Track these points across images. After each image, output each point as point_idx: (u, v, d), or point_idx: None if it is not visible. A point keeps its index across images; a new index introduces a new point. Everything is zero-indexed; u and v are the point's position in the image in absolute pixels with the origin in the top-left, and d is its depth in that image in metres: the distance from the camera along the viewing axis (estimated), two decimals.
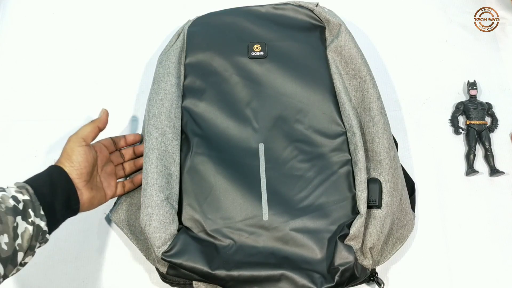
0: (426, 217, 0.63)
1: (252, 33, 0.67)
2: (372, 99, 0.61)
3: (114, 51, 0.78)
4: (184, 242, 0.53)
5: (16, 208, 0.45)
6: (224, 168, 0.58)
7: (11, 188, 0.47)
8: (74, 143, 0.54)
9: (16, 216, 0.44)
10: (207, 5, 0.72)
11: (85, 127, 0.56)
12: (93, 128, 0.57)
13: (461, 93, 0.73)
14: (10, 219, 0.44)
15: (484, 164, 0.67)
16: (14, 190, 0.47)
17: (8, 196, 0.46)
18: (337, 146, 0.59)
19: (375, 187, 0.56)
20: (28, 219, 0.46)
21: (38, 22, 0.81)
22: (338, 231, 0.54)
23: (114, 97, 0.73)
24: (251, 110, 0.62)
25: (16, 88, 0.75)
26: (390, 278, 0.60)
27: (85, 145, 0.55)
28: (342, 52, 0.64)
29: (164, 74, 0.63)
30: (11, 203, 0.45)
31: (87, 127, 0.56)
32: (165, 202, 0.55)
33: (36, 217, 0.46)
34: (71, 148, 0.54)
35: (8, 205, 0.45)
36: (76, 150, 0.54)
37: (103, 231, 0.64)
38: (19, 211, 0.45)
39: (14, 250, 0.44)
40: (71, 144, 0.54)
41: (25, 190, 0.47)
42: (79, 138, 0.55)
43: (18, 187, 0.48)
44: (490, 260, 0.61)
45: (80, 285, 0.61)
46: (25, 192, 0.47)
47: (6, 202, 0.45)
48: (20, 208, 0.45)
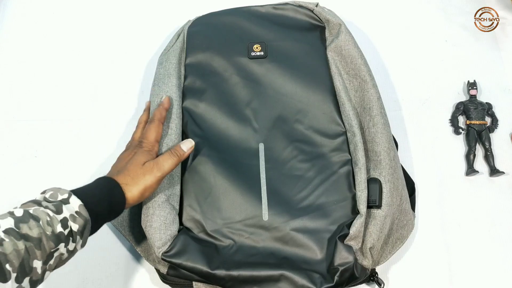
0: (426, 217, 0.63)
1: (252, 33, 0.67)
2: (372, 99, 0.61)
3: (114, 51, 0.78)
4: (184, 242, 0.53)
5: (61, 235, 0.41)
6: (224, 168, 0.58)
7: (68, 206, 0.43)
8: (155, 182, 0.50)
9: (59, 244, 0.41)
10: (207, 5, 0.72)
11: (168, 162, 0.52)
12: (176, 163, 0.53)
13: (461, 93, 0.73)
14: (51, 245, 0.41)
15: (484, 164, 0.67)
16: (68, 213, 0.42)
17: (58, 220, 0.41)
18: (337, 146, 0.59)
19: (375, 187, 0.56)
20: (68, 246, 0.42)
21: (38, 22, 0.81)
22: (338, 231, 0.54)
23: (114, 98, 0.73)
24: (251, 110, 0.62)
25: (16, 88, 0.75)
26: (390, 278, 0.60)
27: None
28: (342, 52, 0.64)
29: (165, 75, 0.63)
30: (57, 229, 0.41)
31: (171, 162, 0.52)
32: (166, 203, 0.55)
33: (77, 243, 0.44)
34: (148, 185, 0.50)
35: (55, 231, 0.41)
36: (153, 189, 0.51)
37: (103, 231, 0.63)
38: (63, 239, 0.42)
39: (44, 271, 0.41)
40: (150, 180, 0.50)
41: (81, 217, 0.43)
42: (161, 177, 0.51)
43: (76, 212, 0.43)
44: (490, 260, 0.61)
45: (80, 285, 0.61)
46: (79, 221, 0.43)
47: (54, 226, 0.41)
48: (65, 234, 0.42)
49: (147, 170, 0.50)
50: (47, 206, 0.42)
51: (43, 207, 0.42)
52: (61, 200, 0.43)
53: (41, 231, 0.40)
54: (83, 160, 0.68)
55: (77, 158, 0.69)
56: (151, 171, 0.50)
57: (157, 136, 0.55)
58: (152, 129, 0.55)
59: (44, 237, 0.40)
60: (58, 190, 0.44)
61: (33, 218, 0.40)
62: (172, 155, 0.53)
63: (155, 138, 0.54)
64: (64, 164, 0.68)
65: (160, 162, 0.52)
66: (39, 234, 0.40)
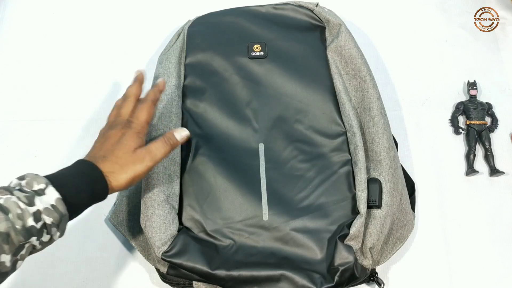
0: (426, 217, 0.63)
1: (252, 33, 0.67)
2: (372, 99, 0.61)
3: (114, 51, 0.78)
4: (184, 242, 0.53)
5: (32, 229, 0.39)
6: (224, 168, 0.58)
7: (42, 198, 0.40)
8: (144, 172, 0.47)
9: (30, 238, 0.39)
10: (207, 5, 0.73)
11: (160, 150, 0.49)
12: (168, 152, 0.50)
13: (461, 93, 0.73)
14: (20, 239, 0.38)
15: (484, 164, 0.67)
16: (42, 206, 0.39)
17: (30, 213, 0.39)
18: (337, 146, 0.59)
19: (375, 187, 0.56)
20: (41, 238, 0.40)
21: (38, 22, 0.81)
22: (338, 231, 0.54)
23: (114, 97, 0.73)
24: (251, 110, 0.62)
25: (16, 88, 0.75)
26: (390, 278, 0.60)
27: None
28: (342, 52, 0.64)
29: (164, 75, 0.63)
30: (28, 222, 0.39)
31: (163, 151, 0.49)
32: (165, 203, 0.55)
33: (54, 234, 0.41)
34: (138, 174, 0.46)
35: (25, 224, 0.38)
36: (141, 178, 0.48)
37: (103, 231, 0.64)
38: (35, 232, 0.39)
39: (15, 262, 0.39)
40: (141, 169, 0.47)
41: (57, 212, 0.40)
42: (152, 166, 0.48)
43: (51, 205, 0.40)
44: (490, 260, 0.61)
45: (80, 285, 0.61)
46: (54, 215, 0.40)
47: (24, 220, 0.38)
48: (37, 228, 0.39)
49: (137, 158, 0.47)
50: (19, 197, 0.39)
51: (15, 197, 0.39)
52: (36, 190, 0.40)
53: (10, 226, 0.37)
54: None
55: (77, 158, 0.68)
56: (142, 160, 0.47)
57: (148, 117, 0.51)
58: (145, 109, 0.51)
59: (12, 231, 0.38)
60: (35, 178, 0.41)
61: (2, 210, 0.38)
62: (165, 143, 0.49)
63: (146, 119, 0.51)
64: (64, 164, 0.67)
65: (153, 151, 0.48)
66: (7, 228, 0.37)
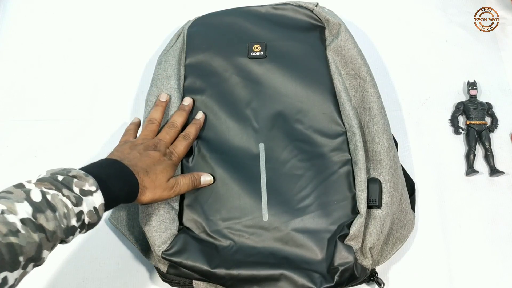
0: (426, 217, 0.63)
1: (251, 33, 0.67)
2: (372, 99, 0.61)
3: (114, 51, 0.78)
4: (184, 241, 0.53)
5: (73, 228, 0.41)
6: (225, 168, 0.58)
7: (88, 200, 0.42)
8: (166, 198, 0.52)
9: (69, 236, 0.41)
10: (207, 5, 0.72)
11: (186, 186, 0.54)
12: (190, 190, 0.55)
13: (461, 93, 0.73)
14: (62, 237, 0.40)
15: (484, 164, 0.67)
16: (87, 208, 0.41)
17: (75, 213, 0.40)
18: (337, 146, 0.59)
19: (375, 187, 0.56)
20: (74, 237, 0.42)
21: (38, 22, 0.81)
22: (338, 231, 0.54)
23: (113, 98, 0.73)
24: (251, 110, 0.62)
25: (16, 88, 0.75)
26: (390, 278, 0.60)
27: None
28: (342, 52, 0.64)
29: (164, 75, 0.63)
30: (72, 222, 0.40)
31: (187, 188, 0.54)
32: (164, 203, 0.55)
33: (81, 233, 0.43)
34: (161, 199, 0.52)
35: (69, 224, 0.40)
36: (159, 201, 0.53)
37: (103, 231, 0.64)
38: (73, 232, 0.41)
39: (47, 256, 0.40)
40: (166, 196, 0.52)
41: (96, 216, 0.42)
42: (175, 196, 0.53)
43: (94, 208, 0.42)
44: (490, 260, 0.61)
45: (80, 285, 0.61)
46: (93, 218, 0.42)
47: (69, 220, 0.40)
48: (76, 227, 0.41)
49: (168, 186, 0.52)
50: (68, 196, 0.40)
51: (61, 195, 0.40)
52: (85, 190, 0.42)
53: (57, 224, 0.39)
54: (83, 160, 0.68)
55: (77, 158, 0.68)
56: (170, 189, 0.52)
57: (186, 153, 0.57)
58: (186, 146, 0.57)
59: (58, 230, 0.39)
60: (86, 180, 0.42)
61: (51, 208, 0.39)
62: (191, 183, 0.55)
63: (184, 155, 0.57)
64: (64, 164, 0.68)
65: (180, 185, 0.53)
66: (55, 227, 0.39)
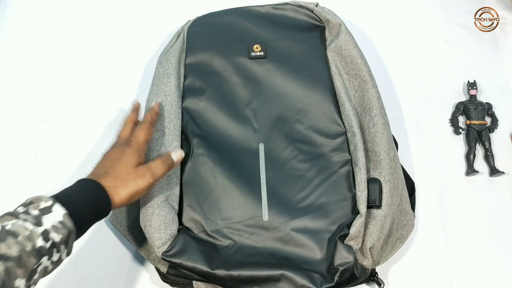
0: (426, 217, 0.63)
1: (252, 33, 0.67)
2: (372, 99, 0.61)
3: (114, 51, 0.78)
4: (184, 242, 0.53)
5: (42, 249, 0.39)
6: (224, 168, 0.58)
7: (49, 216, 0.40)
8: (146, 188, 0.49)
9: (41, 258, 0.39)
10: (207, 5, 0.72)
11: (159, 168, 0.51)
12: (166, 171, 0.52)
13: (461, 93, 0.73)
14: (33, 261, 0.38)
15: (484, 164, 0.67)
16: (50, 224, 0.40)
17: (38, 233, 0.39)
18: (337, 146, 0.59)
19: (375, 187, 0.56)
20: (52, 258, 0.40)
21: (38, 22, 0.81)
22: (338, 231, 0.54)
23: (114, 98, 0.73)
24: (251, 110, 0.62)
25: (16, 88, 0.75)
26: (390, 278, 0.60)
27: None
28: (342, 52, 0.64)
29: (164, 75, 0.63)
30: (38, 243, 0.39)
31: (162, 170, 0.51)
32: (165, 203, 0.55)
33: (62, 252, 0.42)
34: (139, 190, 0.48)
35: (35, 246, 0.39)
36: (142, 194, 0.49)
37: (102, 231, 0.64)
38: (45, 252, 0.39)
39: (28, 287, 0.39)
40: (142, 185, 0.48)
41: (65, 227, 0.41)
42: (153, 183, 0.50)
43: (59, 222, 0.41)
44: (489, 260, 0.61)
45: (80, 285, 0.61)
46: (62, 231, 0.41)
47: (34, 241, 0.39)
48: (46, 248, 0.39)
49: (139, 174, 0.49)
50: (26, 219, 0.40)
51: (21, 220, 0.39)
52: (43, 208, 0.41)
53: (21, 249, 0.38)
54: (83, 160, 0.68)
55: (77, 158, 0.69)
56: (143, 176, 0.49)
57: (147, 136, 0.54)
58: (143, 129, 0.54)
59: (24, 254, 0.38)
60: (40, 199, 0.42)
61: (11, 235, 0.38)
62: (163, 163, 0.52)
63: (145, 138, 0.53)
64: (64, 164, 0.68)
65: (153, 168, 0.50)
66: (19, 252, 0.37)
